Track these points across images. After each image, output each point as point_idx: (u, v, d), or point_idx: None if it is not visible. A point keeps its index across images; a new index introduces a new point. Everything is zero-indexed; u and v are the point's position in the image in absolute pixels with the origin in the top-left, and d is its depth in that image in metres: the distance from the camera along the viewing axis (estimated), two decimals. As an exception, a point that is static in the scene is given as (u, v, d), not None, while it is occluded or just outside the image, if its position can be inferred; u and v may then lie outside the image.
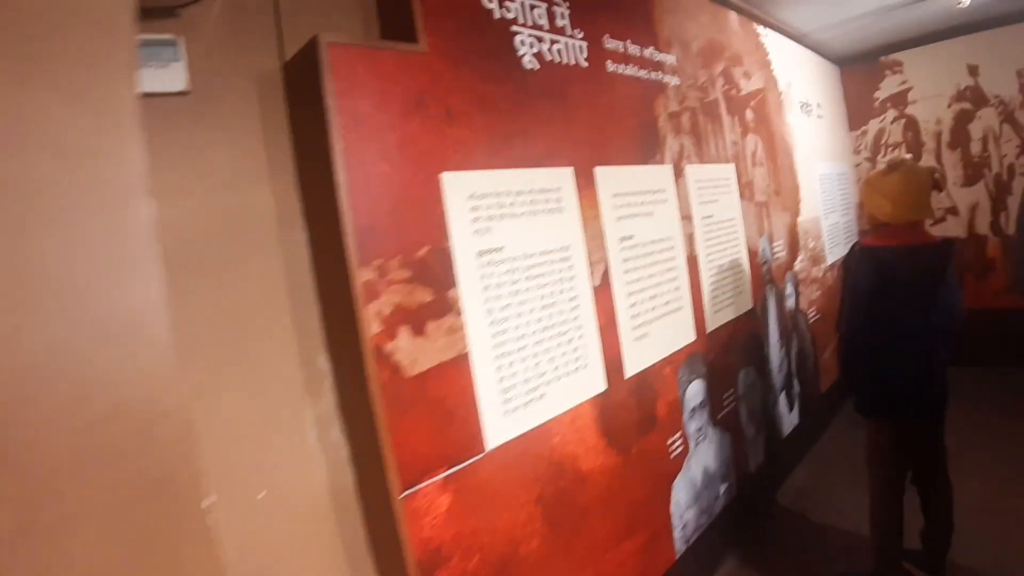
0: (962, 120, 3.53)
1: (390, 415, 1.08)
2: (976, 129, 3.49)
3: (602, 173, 1.58)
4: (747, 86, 2.44)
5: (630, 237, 1.66)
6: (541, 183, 1.39)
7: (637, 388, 1.65)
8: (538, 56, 1.43)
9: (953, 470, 1.78)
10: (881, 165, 1.86)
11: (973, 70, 3.46)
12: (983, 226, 3.55)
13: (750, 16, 2.56)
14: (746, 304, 2.27)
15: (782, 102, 2.80)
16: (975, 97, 3.47)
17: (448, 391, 1.18)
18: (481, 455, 1.23)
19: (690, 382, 1.90)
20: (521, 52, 1.39)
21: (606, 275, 1.56)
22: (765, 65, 2.67)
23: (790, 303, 2.67)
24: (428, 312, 1.16)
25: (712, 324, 2.04)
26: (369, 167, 1.10)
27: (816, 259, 2.99)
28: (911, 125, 3.68)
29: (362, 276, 1.07)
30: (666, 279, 1.80)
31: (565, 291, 1.42)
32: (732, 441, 2.11)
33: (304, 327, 1.14)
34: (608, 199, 1.59)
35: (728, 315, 2.14)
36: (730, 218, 2.20)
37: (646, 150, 1.78)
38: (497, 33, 1.35)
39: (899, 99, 3.71)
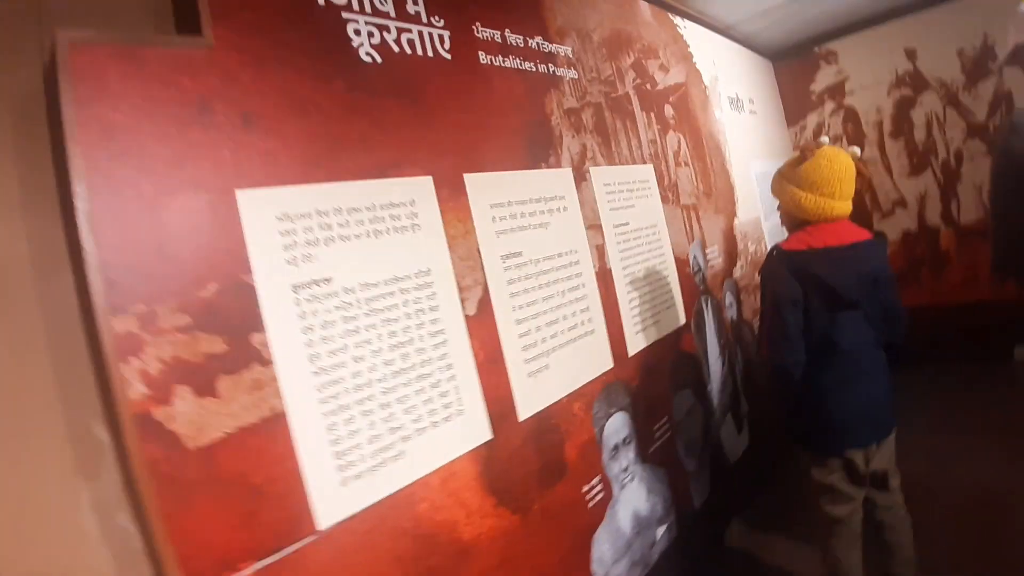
0: (903, 107, 3.41)
1: (166, 499, 0.84)
2: (919, 115, 3.37)
3: (474, 181, 1.35)
4: (665, 80, 2.26)
5: (517, 254, 1.43)
6: (386, 197, 1.15)
7: (536, 432, 1.40)
8: (381, 48, 1.21)
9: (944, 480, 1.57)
10: (792, 153, 1.66)
11: (911, 54, 3.35)
12: (934, 216, 3.43)
13: (663, 6, 2.39)
14: (677, 320, 2.06)
15: (708, 97, 2.62)
16: (915, 82, 3.35)
17: (254, 462, 0.93)
18: (312, 538, 0.97)
19: (609, 416, 1.66)
20: (357, 43, 1.17)
21: (485, 301, 1.32)
22: (685, 58, 2.49)
23: (731, 313, 2.47)
24: (219, 365, 0.91)
25: (635, 346, 1.81)
26: (125, 189, 0.86)
27: (758, 263, 2.81)
28: (851, 116, 3.56)
29: (116, 326, 0.82)
30: (569, 299, 1.57)
31: (425, 325, 1.18)
32: (669, 477, 1.88)
33: (73, 391, 0.88)
34: (484, 211, 1.36)
35: (655, 334, 1.92)
36: (651, 224, 1.99)
37: (536, 152, 1.56)
38: (322, 22, 1.12)
39: (836, 90, 3.60)
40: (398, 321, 1.13)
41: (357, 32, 1.17)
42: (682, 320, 2.09)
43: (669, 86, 2.28)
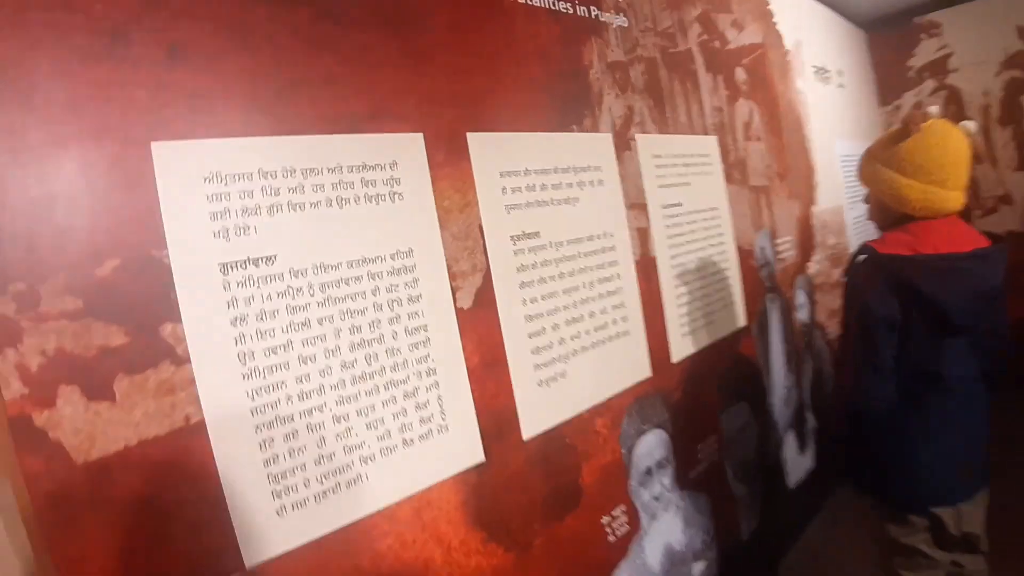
0: (1013, 91, 2.87)
1: (49, 523, 0.67)
2: (1031, 102, 2.82)
3: (481, 142, 1.09)
4: (738, 39, 1.89)
5: (532, 235, 1.17)
6: (357, 156, 0.92)
7: (544, 453, 1.15)
8: (362, -30, 0.96)
9: None
10: (892, 127, 1.27)
11: (1023, 32, 2.80)
12: (1044, 216, 2.88)
13: (743, -49, 2.00)
14: (735, 321, 1.73)
15: (789, 64, 2.21)
16: (1028, 64, 2.80)
17: (162, 482, 0.74)
18: (239, 577, 0.78)
19: (641, 434, 1.39)
20: (331, -42, 0.93)
21: (486, 291, 1.08)
22: (764, 16, 2.10)
23: (802, 315, 2.10)
24: (117, 362, 0.72)
25: (681, 351, 1.52)
26: (4, 139, 0.67)
27: (837, 259, 2.39)
28: (954, 98, 3.04)
29: (-9, 308, 0.64)
30: (598, 293, 1.30)
31: (401, 319, 0.95)
32: (713, 505, 1.59)
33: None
34: (492, 180, 1.11)
35: (706, 337, 1.61)
36: (709, 207, 1.66)
37: (566, 111, 1.28)
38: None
39: (938, 67, 3.08)
40: (364, 314, 0.91)
41: (332, -53, 0.93)
42: (742, 321, 1.76)
43: (743, 46, 1.91)
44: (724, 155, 1.75)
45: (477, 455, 1.04)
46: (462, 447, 1.02)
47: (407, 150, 0.98)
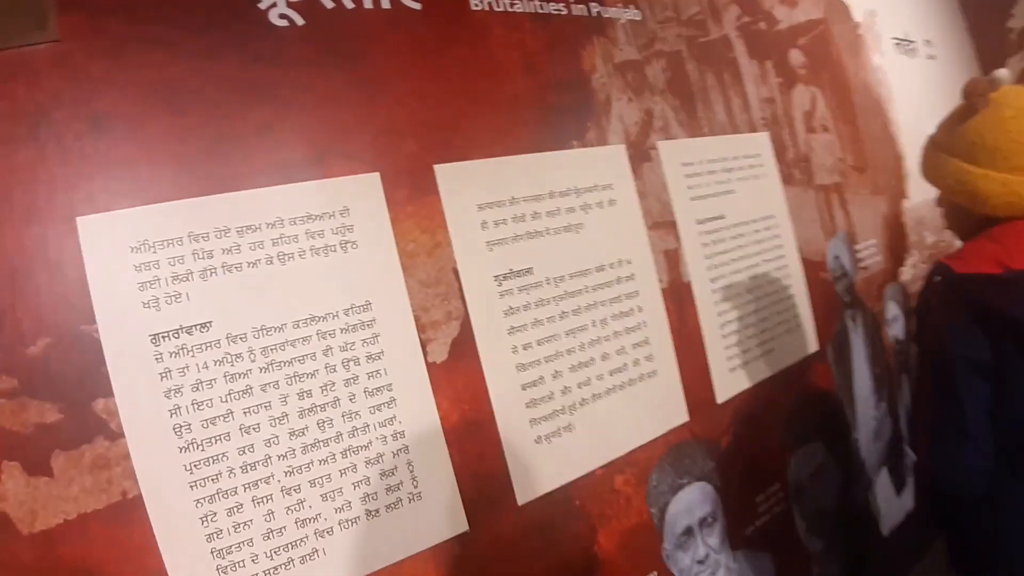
0: None
1: None
2: None
3: (452, 174, 0.99)
4: (791, 16, 1.62)
5: (523, 272, 1.05)
6: (300, 207, 0.86)
7: (545, 519, 1.02)
8: (304, 5, 0.90)
9: None
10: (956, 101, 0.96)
11: None
12: None
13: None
14: (803, 346, 1.48)
15: (861, 38, 1.87)
16: None
17: (103, 556, 0.72)
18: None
19: (677, 490, 1.20)
20: (266, 4, 0.88)
21: (464, 341, 0.97)
22: (825, -15, 1.79)
23: (895, 331, 1.75)
24: (52, 439, 0.71)
25: (729, 389, 1.31)
26: None
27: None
28: None
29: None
30: (613, 331, 1.14)
31: (359, 380, 0.87)
32: (778, 565, 1.35)
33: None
34: (467, 214, 1.00)
35: (764, 369, 1.38)
36: (763, 216, 1.43)
37: (563, 125, 1.14)
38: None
39: None
40: (314, 376, 0.84)
41: (267, -10, 0.88)
42: (812, 346, 1.50)
43: (797, 24, 1.64)
44: (780, 153, 1.50)
45: (459, 524, 0.93)
46: (440, 516, 0.92)
47: (360, 193, 0.90)
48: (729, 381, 1.31)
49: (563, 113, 1.14)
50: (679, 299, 1.25)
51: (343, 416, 0.86)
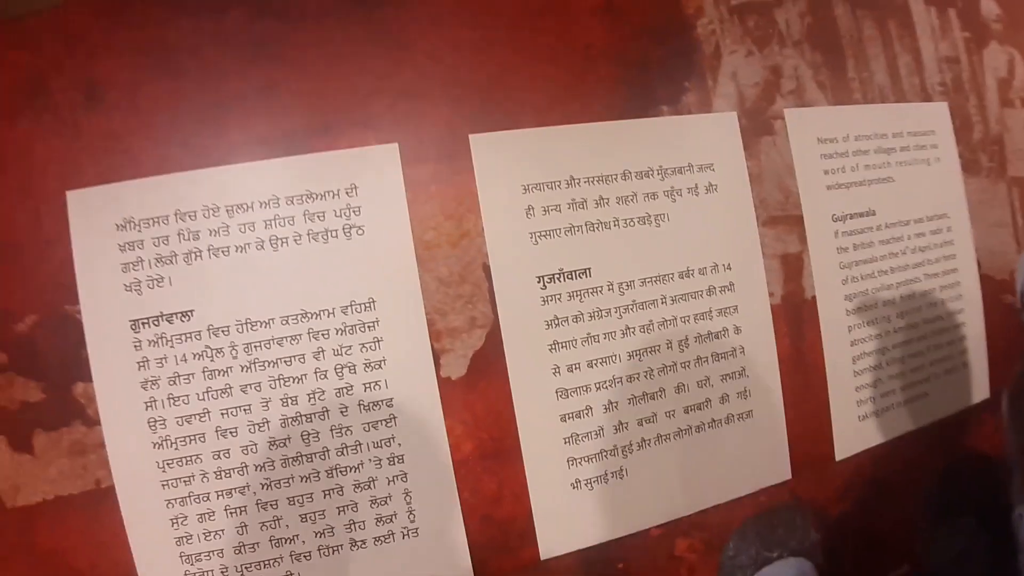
0: None
1: None
2: None
3: (491, 145, 0.80)
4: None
5: (578, 273, 0.83)
6: (301, 184, 0.74)
7: (575, 577, 0.83)
8: (326, -52, 0.76)
9: None
10: None
11: None
12: None
13: None
14: (968, 392, 1.07)
15: None
16: None
17: (76, 541, 0.70)
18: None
19: (763, 565, 0.93)
20: (280, -53, 0.75)
21: (490, 354, 0.79)
22: None
23: None
24: (35, 417, 0.69)
25: (854, 442, 0.98)
26: None
27: None
28: None
29: (-66, 361, 0.68)
30: (696, 356, 0.88)
31: (353, 391, 0.75)
32: None
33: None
34: (507, 197, 0.80)
35: (907, 420, 1.02)
36: (932, 216, 1.03)
37: (649, 86, 0.87)
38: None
39: None
40: (302, 382, 0.73)
41: (282, -71, 0.75)
42: (980, 393, 1.08)
43: None
44: (961, 131, 1.06)
45: (462, 572, 0.78)
46: (439, 559, 0.77)
47: (373, 167, 0.76)
48: (856, 432, 0.98)
49: (651, 70, 0.88)
50: (796, 320, 0.94)
51: (331, 430, 0.74)
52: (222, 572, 0.71)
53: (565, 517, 0.82)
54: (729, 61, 0.92)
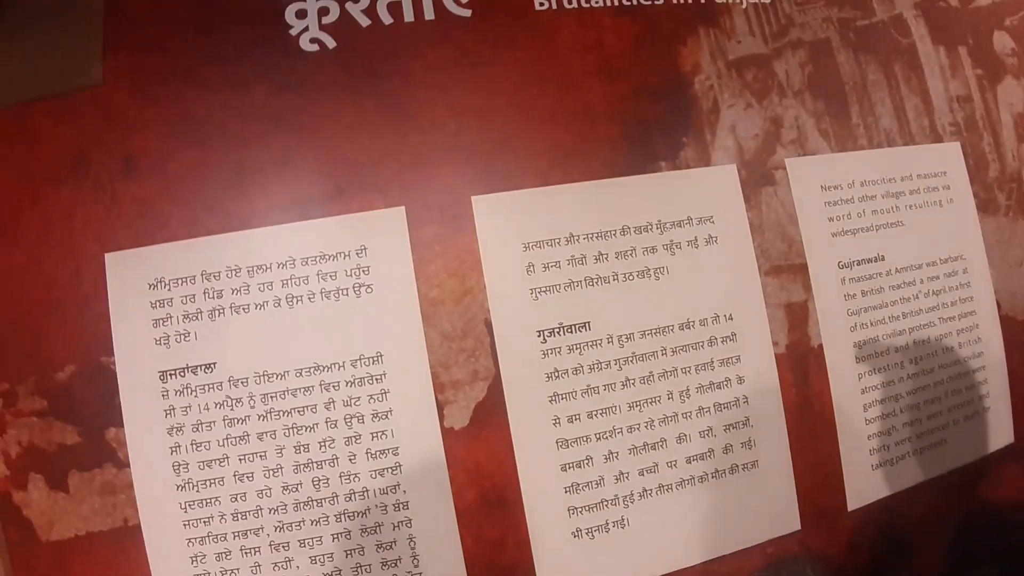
0: None
1: None
2: None
3: (492, 206, 0.84)
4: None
5: (576, 327, 0.86)
6: (314, 246, 0.79)
7: (573, 625, 0.84)
8: (336, 27, 0.83)
9: None
10: None
11: None
12: None
13: None
14: (983, 440, 1.04)
15: None
16: None
17: (104, 575, 0.76)
18: None
19: (768, 618, 0.91)
20: (297, 30, 0.82)
21: (491, 406, 0.82)
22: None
23: None
24: (71, 459, 0.76)
25: (869, 491, 0.96)
26: None
27: None
28: None
29: (-21, 405, 0.76)
30: (698, 406, 0.89)
31: (361, 439, 0.79)
32: None
33: None
34: (508, 255, 0.84)
35: (920, 469, 0.99)
36: (946, 258, 1.02)
37: (647, 142, 0.90)
38: (248, 14, 0.82)
39: None
40: (314, 430, 0.78)
41: (300, 14, 0.82)
42: (1003, 438, 1.04)
43: (1003, 0, 1.13)
44: (976, 170, 1.05)
45: (461, 618, 0.80)
46: (440, 603, 0.80)
47: (381, 230, 0.81)
48: (869, 481, 0.96)
49: (650, 127, 0.91)
50: (802, 368, 0.94)
51: (340, 477, 0.78)
52: (243, 608, 0.76)
53: (567, 566, 0.84)
54: (728, 114, 0.95)
